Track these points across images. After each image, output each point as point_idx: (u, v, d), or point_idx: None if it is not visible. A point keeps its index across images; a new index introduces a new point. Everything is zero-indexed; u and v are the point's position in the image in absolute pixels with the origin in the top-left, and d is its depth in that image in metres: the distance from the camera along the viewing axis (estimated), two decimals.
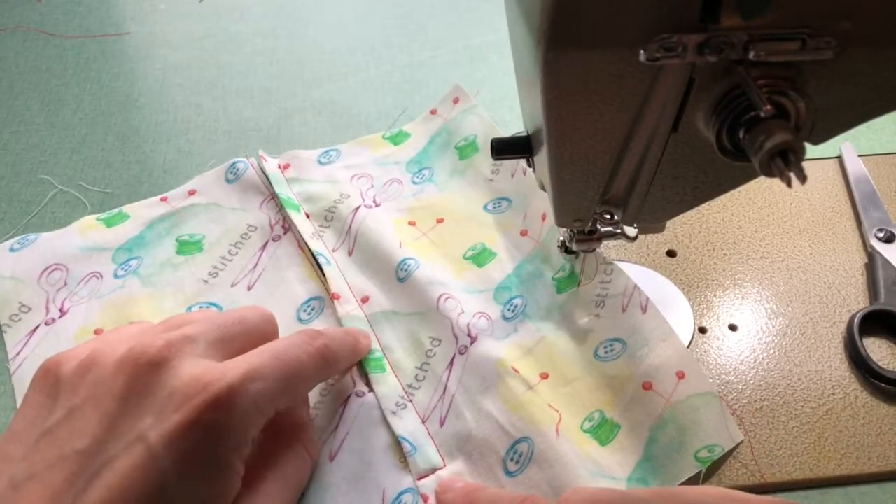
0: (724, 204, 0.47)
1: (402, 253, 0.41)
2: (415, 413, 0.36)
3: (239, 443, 0.28)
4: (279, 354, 0.30)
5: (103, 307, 0.40)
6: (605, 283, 0.39)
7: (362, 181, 0.47)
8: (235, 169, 0.47)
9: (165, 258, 0.43)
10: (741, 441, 0.34)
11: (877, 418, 0.36)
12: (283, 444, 0.32)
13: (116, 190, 0.48)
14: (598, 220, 0.33)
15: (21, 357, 0.38)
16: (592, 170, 0.28)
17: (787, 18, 0.21)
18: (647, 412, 0.35)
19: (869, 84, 0.23)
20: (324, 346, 0.32)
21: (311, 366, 0.31)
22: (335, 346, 0.33)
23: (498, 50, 0.60)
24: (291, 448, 0.32)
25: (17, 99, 0.55)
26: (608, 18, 0.21)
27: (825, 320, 0.40)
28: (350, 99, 0.55)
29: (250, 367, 0.28)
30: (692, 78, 0.23)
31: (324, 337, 0.32)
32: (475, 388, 0.36)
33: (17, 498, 0.26)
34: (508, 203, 0.45)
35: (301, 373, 0.30)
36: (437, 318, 0.39)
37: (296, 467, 0.32)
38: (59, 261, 0.42)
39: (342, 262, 0.42)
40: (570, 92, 0.24)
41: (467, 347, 0.37)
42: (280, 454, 0.31)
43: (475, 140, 0.48)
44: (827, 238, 0.45)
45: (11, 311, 0.40)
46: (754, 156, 0.21)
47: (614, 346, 0.37)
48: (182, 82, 0.57)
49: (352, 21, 0.64)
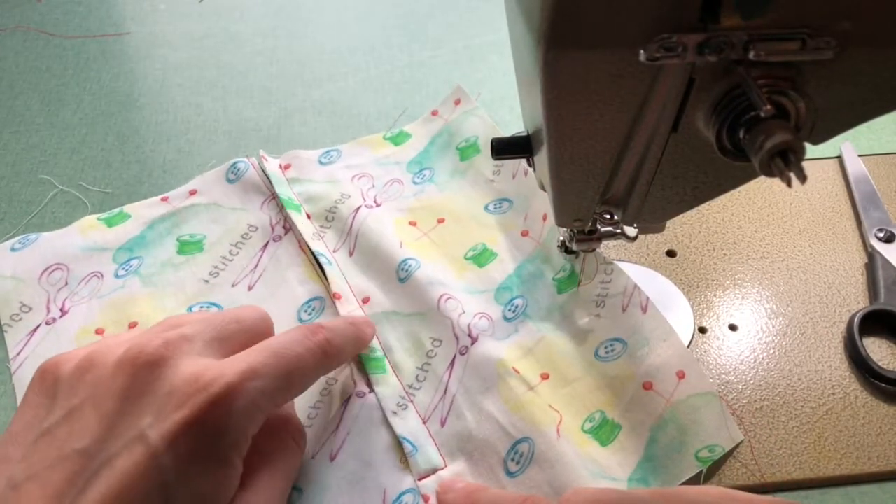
0: (724, 204, 0.47)
1: (403, 253, 0.41)
2: (415, 413, 0.36)
3: (238, 440, 0.28)
4: (279, 351, 0.30)
5: (104, 307, 0.40)
6: (606, 282, 0.39)
7: (363, 181, 0.47)
8: (236, 169, 0.47)
9: (166, 258, 0.43)
10: (741, 441, 0.34)
11: (877, 418, 0.36)
12: (272, 436, 0.32)
13: (116, 190, 0.48)
14: (598, 220, 0.33)
15: (22, 357, 0.38)
16: (592, 170, 0.28)
17: (787, 18, 0.21)
18: (648, 412, 0.35)
19: (869, 84, 0.23)
20: (324, 341, 0.32)
21: (311, 361, 0.31)
22: (337, 339, 0.33)
23: (498, 50, 0.60)
24: (280, 440, 0.32)
25: (17, 99, 0.55)
26: (608, 18, 0.21)
27: (825, 320, 0.40)
28: (350, 99, 0.55)
29: (249, 365, 0.28)
30: (692, 78, 0.23)
31: (324, 331, 0.32)
32: (476, 389, 0.36)
33: (17, 498, 0.26)
34: (509, 204, 0.45)
35: (301, 368, 0.30)
36: (437, 319, 0.39)
37: (286, 459, 0.31)
38: (59, 260, 0.42)
39: (343, 263, 0.42)
40: (570, 92, 0.24)
41: (468, 348, 0.37)
42: (270, 447, 0.31)
43: (476, 141, 0.48)
44: (827, 238, 0.45)
45: (12, 311, 0.40)
46: (754, 156, 0.21)
47: (615, 346, 0.37)
48: (182, 82, 0.57)
49: (352, 21, 0.64)
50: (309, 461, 0.34)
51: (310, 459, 0.34)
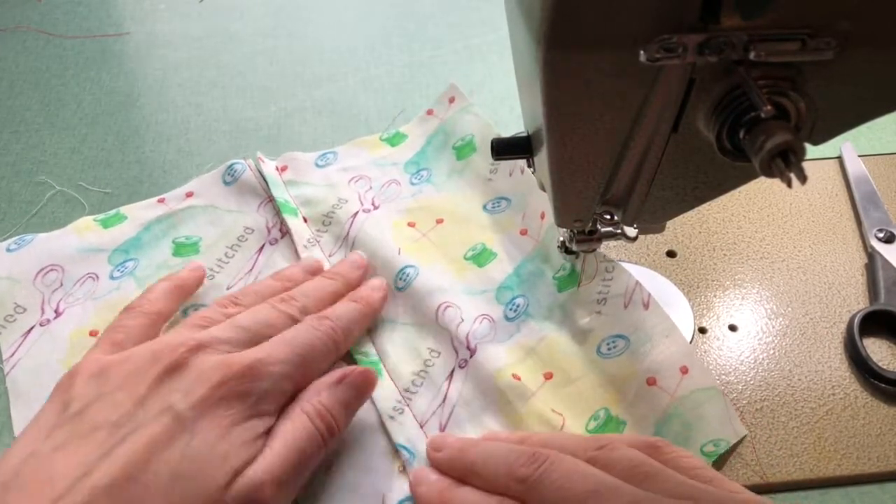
0: (724, 204, 0.47)
1: (402, 260, 0.41)
2: (412, 418, 0.36)
3: (260, 410, 0.30)
4: (290, 341, 0.33)
5: (98, 308, 0.40)
6: (607, 280, 0.39)
7: (360, 183, 0.47)
8: (233, 171, 0.47)
9: (162, 260, 0.43)
10: (745, 435, 0.34)
11: (877, 418, 0.36)
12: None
13: (116, 190, 0.48)
14: (598, 220, 0.33)
15: (15, 358, 0.38)
16: (592, 170, 0.28)
17: (787, 18, 0.21)
18: (652, 407, 0.35)
19: (869, 84, 0.23)
20: (330, 329, 0.35)
21: (321, 346, 0.34)
22: (342, 322, 0.36)
23: (498, 50, 0.60)
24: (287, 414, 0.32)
25: (17, 99, 0.55)
26: (608, 18, 0.21)
27: (825, 320, 0.40)
28: (350, 99, 0.55)
29: (267, 353, 0.32)
30: (692, 78, 0.23)
31: (328, 320, 0.35)
32: (476, 404, 0.36)
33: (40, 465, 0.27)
34: (507, 202, 0.45)
35: (313, 353, 0.34)
36: (435, 330, 0.39)
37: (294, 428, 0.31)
38: (55, 262, 0.42)
39: None
40: (570, 92, 0.24)
41: (467, 361, 0.37)
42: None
43: (472, 140, 0.48)
44: (827, 238, 0.45)
45: (6, 312, 0.40)
46: (754, 156, 0.21)
47: (617, 343, 0.37)
48: (182, 82, 0.57)
49: (352, 21, 0.64)
50: None
51: None
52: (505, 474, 0.30)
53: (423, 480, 0.32)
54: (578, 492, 0.27)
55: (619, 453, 0.29)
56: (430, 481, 0.32)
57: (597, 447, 0.30)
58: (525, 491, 0.29)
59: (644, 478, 0.28)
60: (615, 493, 0.27)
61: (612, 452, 0.29)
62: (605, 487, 0.27)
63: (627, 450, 0.29)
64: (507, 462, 0.30)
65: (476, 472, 0.31)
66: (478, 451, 0.32)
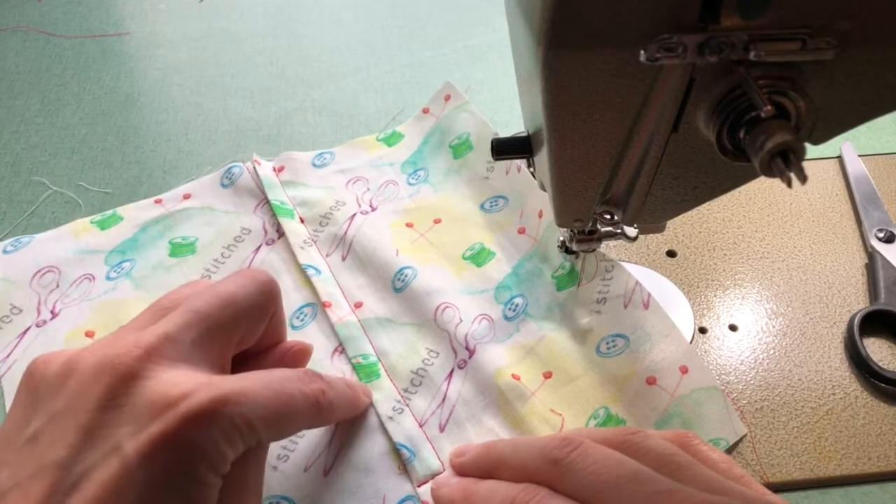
0: (724, 204, 0.47)
1: (400, 262, 0.41)
2: (412, 417, 0.36)
3: (216, 462, 0.26)
4: (272, 385, 0.28)
5: (94, 309, 0.40)
6: (607, 280, 0.39)
7: (358, 185, 0.47)
8: (231, 174, 0.47)
9: (158, 260, 0.43)
10: (745, 434, 0.34)
11: (877, 418, 0.36)
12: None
13: (116, 190, 0.48)
14: (598, 220, 0.33)
15: (11, 359, 0.38)
16: (592, 170, 0.28)
17: (787, 18, 0.21)
18: (653, 407, 0.35)
19: (869, 84, 0.23)
20: (320, 391, 0.30)
21: (303, 406, 0.29)
22: (332, 394, 0.31)
23: (498, 50, 0.60)
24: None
25: (17, 99, 0.55)
26: (608, 18, 0.21)
27: (825, 320, 0.40)
28: (350, 99, 0.55)
29: (239, 388, 0.27)
30: (692, 78, 0.23)
31: (322, 382, 0.31)
32: (476, 404, 0.36)
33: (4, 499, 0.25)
34: (505, 201, 0.45)
35: (292, 410, 0.29)
36: (434, 331, 0.39)
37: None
38: (51, 263, 0.42)
39: (335, 267, 0.42)
40: (570, 92, 0.24)
41: (466, 362, 0.37)
42: None
43: (468, 138, 0.48)
44: (827, 238, 0.45)
45: (2, 313, 0.40)
46: (754, 156, 0.21)
47: (617, 342, 0.37)
48: (182, 82, 0.57)
49: (352, 21, 0.64)
50: (302, 474, 0.34)
51: (302, 472, 0.34)
52: (537, 457, 0.29)
53: (444, 484, 0.32)
54: (613, 476, 0.27)
55: (651, 442, 0.29)
56: (451, 483, 0.32)
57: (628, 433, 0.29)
58: (558, 474, 0.28)
59: (676, 468, 0.27)
60: (652, 481, 0.26)
61: (645, 440, 0.29)
62: (643, 474, 0.26)
63: (659, 440, 0.29)
64: (539, 446, 0.29)
65: (505, 461, 0.30)
66: (505, 443, 0.31)
